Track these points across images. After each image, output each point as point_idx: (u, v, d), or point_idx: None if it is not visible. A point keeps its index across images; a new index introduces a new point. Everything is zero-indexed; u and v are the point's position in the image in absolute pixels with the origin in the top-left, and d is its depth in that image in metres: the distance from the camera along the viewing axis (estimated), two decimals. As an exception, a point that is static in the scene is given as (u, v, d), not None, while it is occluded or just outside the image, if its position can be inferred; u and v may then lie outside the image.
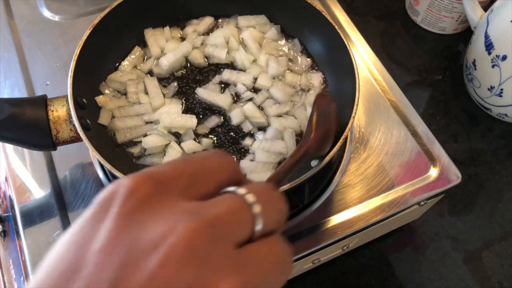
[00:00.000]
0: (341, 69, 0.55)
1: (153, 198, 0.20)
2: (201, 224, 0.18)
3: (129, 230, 0.19)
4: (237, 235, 0.20)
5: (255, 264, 0.20)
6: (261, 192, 0.22)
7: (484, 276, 0.61)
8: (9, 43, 0.66)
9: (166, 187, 0.20)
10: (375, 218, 0.53)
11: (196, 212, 0.19)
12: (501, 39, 0.64)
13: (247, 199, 0.21)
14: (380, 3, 0.87)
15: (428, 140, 0.59)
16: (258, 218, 0.21)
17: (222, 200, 0.21)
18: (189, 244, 0.18)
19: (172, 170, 0.21)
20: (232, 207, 0.20)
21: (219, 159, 0.23)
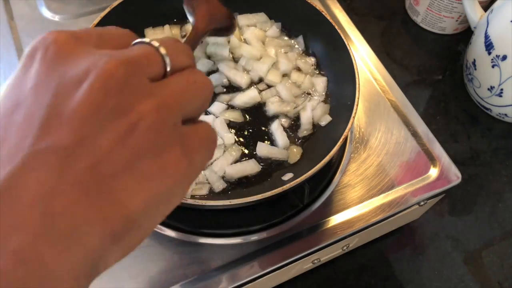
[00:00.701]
0: (341, 69, 0.55)
1: (71, 46, 0.22)
2: (118, 61, 0.21)
3: (55, 68, 0.21)
4: (150, 70, 0.23)
5: (169, 88, 0.23)
6: (164, 41, 0.25)
7: (484, 276, 0.61)
8: (9, 43, 0.66)
9: (82, 39, 0.23)
10: (375, 218, 0.53)
11: (111, 54, 0.22)
12: (501, 39, 0.64)
13: (153, 44, 0.24)
14: (380, 3, 0.87)
15: (428, 140, 0.59)
16: (166, 58, 0.24)
17: (133, 47, 0.24)
18: (110, 75, 0.21)
19: (83, 31, 0.24)
20: (142, 51, 0.23)
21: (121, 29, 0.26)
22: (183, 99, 0.24)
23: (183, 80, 0.24)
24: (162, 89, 0.23)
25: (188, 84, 0.25)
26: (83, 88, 0.20)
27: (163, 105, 0.22)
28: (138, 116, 0.21)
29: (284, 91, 0.57)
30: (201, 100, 0.26)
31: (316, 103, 0.57)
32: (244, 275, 0.49)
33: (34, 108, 0.20)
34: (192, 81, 0.25)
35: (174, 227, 0.51)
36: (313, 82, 0.59)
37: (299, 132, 0.56)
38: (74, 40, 0.23)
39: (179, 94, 0.24)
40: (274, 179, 0.52)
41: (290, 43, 0.62)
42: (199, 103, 0.26)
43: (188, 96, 0.24)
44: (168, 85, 0.23)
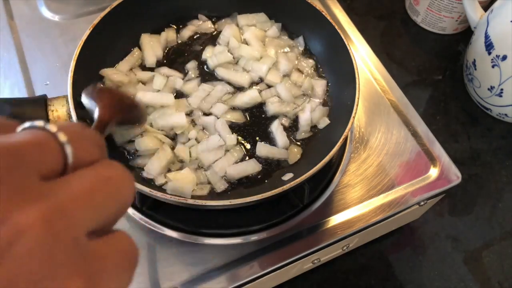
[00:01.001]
0: (341, 69, 0.55)
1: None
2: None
3: None
4: (42, 164, 0.17)
5: (70, 190, 0.17)
6: (65, 125, 0.19)
7: (484, 276, 0.61)
8: (9, 43, 0.66)
9: None
10: (375, 218, 0.53)
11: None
12: (501, 39, 0.64)
13: (50, 129, 0.18)
14: (380, 3, 0.87)
15: (428, 140, 0.59)
16: (66, 147, 0.18)
17: (20, 133, 0.18)
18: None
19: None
20: (31, 137, 0.17)
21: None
22: (90, 203, 0.18)
23: (91, 176, 0.18)
24: (58, 189, 0.17)
25: (98, 181, 0.19)
26: None
27: (56, 212, 0.16)
28: (14, 231, 0.15)
29: (284, 91, 0.57)
30: (117, 203, 0.19)
31: (315, 106, 0.57)
32: (244, 275, 0.49)
33: None
34: (104, 178, 0.19)
35: (175, 227, 0.51)
36: (312, 84, 0.59)
37: (298, 134, 0.56)
38: None
39: (83, 196, 0.18)
40: (274, 179, 0.52)
41: (290, 43, 0.62)
42: (115, 207, 0.19)
43: (98, 198, 0.18)
44: (67, 184, 0.17)
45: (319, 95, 0.58)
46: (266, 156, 0.54)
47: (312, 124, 0.56)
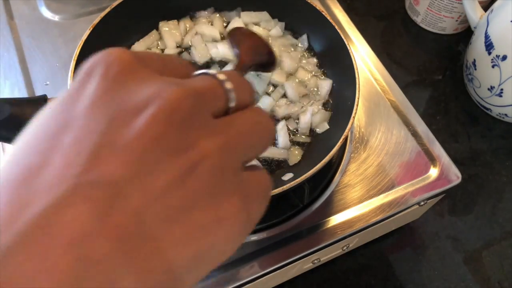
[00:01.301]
0: (341, 69, 0.55)
1: (135, 67, 0.20)
2: (184, 92, 0.19)
3: (115, 91, 0.19)
4: (214, 105, 0.21)
5: (234, 127, 0.21)
6: (230, 74, 0.23)
7: (484, 276, 0.61)
8: (9, 43, 0.66)
9: (145, 62, 0.21)
10: (375, 218, 0.53)
11: (178, 83, 0.20)
12: (501, 39, 0.64)
13: (219, 77, 0.22)
14: (380, 3, 0.87)
15: (428, 140, 0.59)
16: (231, 93, 0.22)
17: (198, 78, 0.22)
18: (174, 107, 0.18)
19: (146, 53, 0.22)
20: (207, 83, 0.21)
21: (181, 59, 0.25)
22: (248, 141, 0.22)
23: (248, 120, 0.22)
24: (226, 127, 0.21)
25: (253, 125, 0.22)
26: (144, 117, 0.18)
27: (228, 146, 0.20)
28: (200, 155, 0.19)
29: (290, 89, 0.57)
30: (263, 143, 0.23)
31: (317, 109, 0.57)
32: (244, 275, 0.49)
33: (85, 132, 0.18)
34: (256, 122, 0.23)
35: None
36: (318, 84, 0.59)
37: (298, 137, 0.56)
38: (137, 61, 0.20)
39: (244, 135, 0.21)
40: (274, 179, 0.52)
41: (294, 42, 0.62)
42: (261, 146, 0.23)
43: (253, 138, 0.22)
44: (232, 124, 0.21)
45: (323, 96, 0.58)
46: (266, 156, 0.54)
47: (312, 127, 0.56)
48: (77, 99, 0.19)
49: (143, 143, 0.18)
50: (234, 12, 0.63)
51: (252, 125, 0.22)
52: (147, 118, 0.18)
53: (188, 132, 0.19)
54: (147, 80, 0.20)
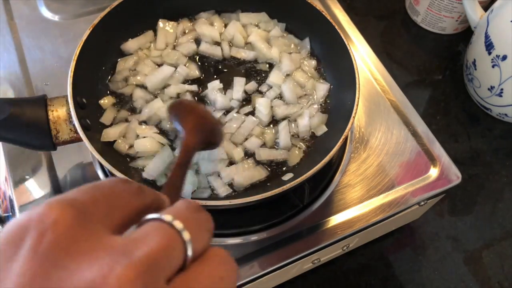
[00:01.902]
0: (341, 69, 0.55)
1: (76, 232, 0.17)
2: (135, 271, 0.16)
3: (48, 274, 0.16)
4: (170, 270, 0.18)
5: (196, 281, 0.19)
6: (186, 215, 0.20)
7: (484, 276, 0.61)
8: (9, 43, 0.66)
9: (86, 216, 0.18)
10: (375, 218, 0.53)
11: (126, 253, 0.17)
12: (501, 39, 0.64)
13: (176, 226, 0.19)
14: (380, 3, 0.87)
15: (428, 140, 0.59)
16: (189, 244, 0.19)
17: (150, 231, 0.18)
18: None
19: (88, 197, 0.19)
20: (162, 241, 0.18)
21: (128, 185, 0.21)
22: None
23: (208, 279, 0.19)
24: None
25: (213, 284, 0.20)
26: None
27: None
28: None
29: (288, 91, 0.57)
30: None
31: (315, 111, 0.57)
32: (244, 275, 0.49)
33: None
34: (218, 278, 0.20)
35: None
36: (315, 86, 0.59)
37: (298, 140, 0.56)
38: (78, 222, 0.17)
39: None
40: (274, 179, 0.52)
41: (296, 42, 0.62)
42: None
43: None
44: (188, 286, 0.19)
45: (318, 99, 0.58)
46: (266, 159, 0.53)
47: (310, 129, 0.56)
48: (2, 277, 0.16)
49: None
50: (234, 14, 0.63)
51: (213, 284, 0.19)
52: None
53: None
54: (88, 253, 0.17)
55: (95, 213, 0.18)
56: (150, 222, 0.19)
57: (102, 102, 0.55)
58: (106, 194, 0.20)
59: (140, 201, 0.21)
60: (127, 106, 0.56)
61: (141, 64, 0.59)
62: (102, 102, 0.55)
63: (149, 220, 0.19)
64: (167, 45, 0.61)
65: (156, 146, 0.52)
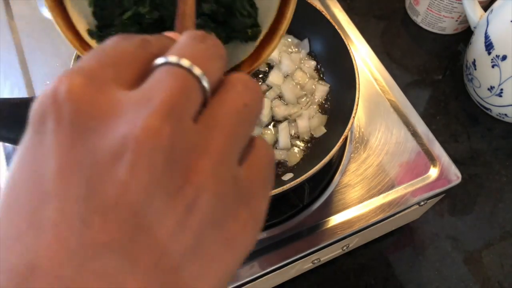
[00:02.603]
0: (341, 69, 0.55)
1: (92, 96, 0.17)
2: (158, 117, 0.16)
3: (79, 141, 0.16)
4: (192, 108, 0.18)
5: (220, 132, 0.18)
6: (191, 49, 0.19)
7: (484, 276, 0.61)
8: (9, 43, 0.66)
9: (97, 79, 0.17)
10: (375, 218, 0.53)
11: (145, 103, 0.17)
12: (501, 39, 0.64)
13: (184, 65, 0.18)
14: (380, 3, 0.87)
15: (428, 140, 0.59)
16: (202, 79, 0.18)
17: (160, 77, 0.18)
18: (153, 147, 0.16)
19: (94, 62, 0.18)
20: (175, 83, 0.18)
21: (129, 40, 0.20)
22: (237, 139, 0.19)
23: (232, 108, 0.19)
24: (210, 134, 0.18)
25: (238, 113, 0.19)
26: (124, 168, 0.16)
27: (220, 162, 0.18)
28: (195, 191, 0.17)
29: (288, 92, 0.57)
30: (254, 125, 0.20)
31: (314, 112, 0.57)
32: (244, 275, 0.49)
33: (67, 203, 0.16)
34: (242, 105, 0.19)
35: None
36: (314, 88, 0.59)
37: (298, 140, 0.56)
38: (91, 86, 0.17)
39: (232, 134, 0.18)
40: (274, 179, 0.52)
41: (295, 43, 0.62)
42: (252, 129, 0.20)
43: (242, 130, 0.19)
44: (216, 125, 0.18)
45: (317, 100, 0.58)
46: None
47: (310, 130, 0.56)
48: (40, 163, 0.16)
49: (132, 199, 0.16)
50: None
51: (237, 114, 0.19)
52: (127, 168, 0.16)
53: (175, 167, 0.16)
54: (110, 112, 0.17)
55: (105, 74, 0.18)
56: (158, 69, 0.19)
57: None
58: (110, 55, 0.19)
59: (146, 52, 0.20)
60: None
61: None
62: None
63: (157, 66, 0.19)
64: None
65: None
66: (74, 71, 0.17)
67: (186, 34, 0.20)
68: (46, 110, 0.17)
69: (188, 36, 0.20)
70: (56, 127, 0.16)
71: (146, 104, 0.17)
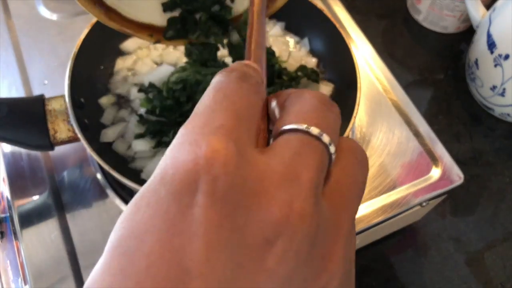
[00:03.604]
0: (342, 69, 0.55)
1: (243, 167, 0.16)
2: (311, 201, 0.16)
3: (230, 218, 0.15)
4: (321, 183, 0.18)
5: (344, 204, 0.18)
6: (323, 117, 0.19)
7: (486, 277, 0.61)
8: (6, 42, 0.65)
9: (240, 141, 0.17)
10: (376, 219, 0.52)
11: (294, 182, 0.16)
12: (504, 38, 0.63)
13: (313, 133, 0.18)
14: (381, 2, 0.87)
15: (430, 140, 0.58)
16: (331, 147, 0.18)
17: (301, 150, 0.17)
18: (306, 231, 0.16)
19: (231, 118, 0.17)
20: (316, 160, 0.17)
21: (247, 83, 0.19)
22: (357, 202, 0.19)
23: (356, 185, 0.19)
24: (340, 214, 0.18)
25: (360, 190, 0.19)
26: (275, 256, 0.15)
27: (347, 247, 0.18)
28: (327, 280, 0.17)
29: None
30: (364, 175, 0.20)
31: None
32: (244, 277, 0.48)
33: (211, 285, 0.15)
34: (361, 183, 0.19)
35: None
36: (316, 86, 0.58)
37: None
38: (239, 156, 0.16)
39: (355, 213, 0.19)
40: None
41: (296, 41, 0.62)
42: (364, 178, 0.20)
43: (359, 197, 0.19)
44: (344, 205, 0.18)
45: None
46: None
47: None
48: (183, 236, 0.15)
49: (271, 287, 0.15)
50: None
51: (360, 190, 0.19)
52: (279, 257, 0.15)
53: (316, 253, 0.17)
54: (260, 189, 0.16)
55: (244, 135, 0.17)
56: (290, 135, 0.18)
57: (101, 101, 0.55)
58: (239, 106, 0.18)
59: (262, 98, 0.19)
60: (127, 105, 0.56)
61: (139, 63, 0.58)
62: (102, 101, 0.55)
63: (286, 131, 0.18)
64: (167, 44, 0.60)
65: (152, 143, 0.51)
66: (222, 134, 0.16)
67: (316, 98, 0.20)
68: (199, 174, 0.16)
69: (319, 100, 0.19)
70: (207, 202, 0.15)
71: (294, 182, 0.16)
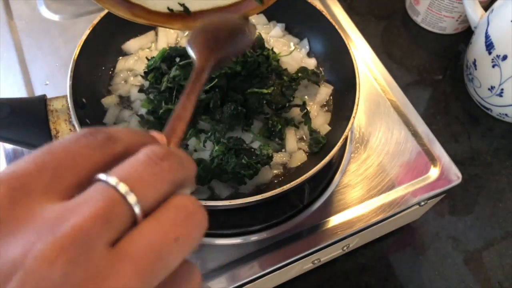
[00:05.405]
0: (341, 69, 0.55)
1: (8, 207, 0.17)
2: (57, 247, 0.16)
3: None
4: (113, 233, 0.17)
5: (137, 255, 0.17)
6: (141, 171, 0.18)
7: (484, 276, 0.61)
8: (8, 43, 0.66)
9: (21, 190, 0.17)
10: (375, 218, 0.53)
11: (54, 226, 0.16)
12: (502, 39, 0.64)
13: (120, 190, 0.18)
14: (380, 3, 0.87)
15: (429, 140, 0.59)
16: (135, 206, 0.18)
17: (90, 197, 0.17)
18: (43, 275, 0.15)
19: (34, 165, 0.18)
20: (99, 207, 0.17)
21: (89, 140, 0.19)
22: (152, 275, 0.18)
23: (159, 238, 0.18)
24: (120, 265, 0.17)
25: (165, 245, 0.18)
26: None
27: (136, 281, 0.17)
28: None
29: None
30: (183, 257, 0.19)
31: (317, 112, 0.57)
32: (244, 275, 0.49)
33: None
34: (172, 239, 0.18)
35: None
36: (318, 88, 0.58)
37: (307, 144, 0.55)
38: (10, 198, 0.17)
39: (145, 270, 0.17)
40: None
41: (295, 42, 0.62)
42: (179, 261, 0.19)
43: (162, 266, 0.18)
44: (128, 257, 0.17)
45: (320, 101, 0.58)
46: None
47: (315, 129, 0.56)
48: None
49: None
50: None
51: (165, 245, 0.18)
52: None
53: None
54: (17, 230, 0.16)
55: (36, 183, 0.17)
56: (96, 184, 0.18)
57: (105, 101, 0.55)
58: (57, 157, 0.18)
59: (105, 154, 0.19)
60: (128, 106, 0.56)
61: (140, 64, 0.59)
62: (105, 101, 0.55)
63: (97, 180, 0.18)
64: (168, 45, 0.60)
65: None
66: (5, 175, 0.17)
67: (144, 152, 0.19)
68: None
69: (145, 155, 0.19)
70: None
71: (55, 227, 0.16)
